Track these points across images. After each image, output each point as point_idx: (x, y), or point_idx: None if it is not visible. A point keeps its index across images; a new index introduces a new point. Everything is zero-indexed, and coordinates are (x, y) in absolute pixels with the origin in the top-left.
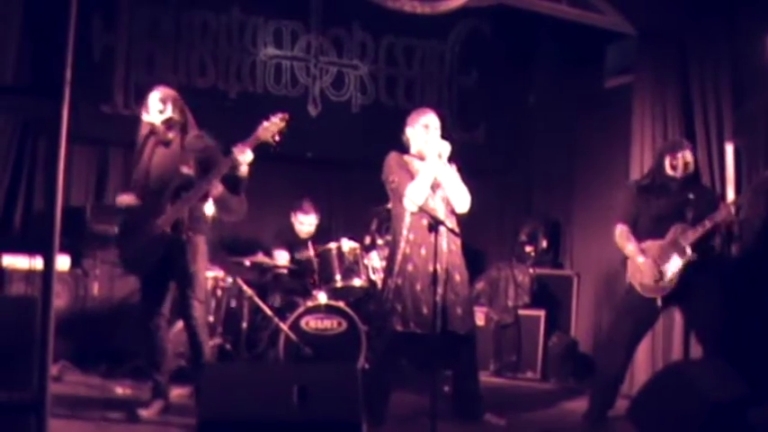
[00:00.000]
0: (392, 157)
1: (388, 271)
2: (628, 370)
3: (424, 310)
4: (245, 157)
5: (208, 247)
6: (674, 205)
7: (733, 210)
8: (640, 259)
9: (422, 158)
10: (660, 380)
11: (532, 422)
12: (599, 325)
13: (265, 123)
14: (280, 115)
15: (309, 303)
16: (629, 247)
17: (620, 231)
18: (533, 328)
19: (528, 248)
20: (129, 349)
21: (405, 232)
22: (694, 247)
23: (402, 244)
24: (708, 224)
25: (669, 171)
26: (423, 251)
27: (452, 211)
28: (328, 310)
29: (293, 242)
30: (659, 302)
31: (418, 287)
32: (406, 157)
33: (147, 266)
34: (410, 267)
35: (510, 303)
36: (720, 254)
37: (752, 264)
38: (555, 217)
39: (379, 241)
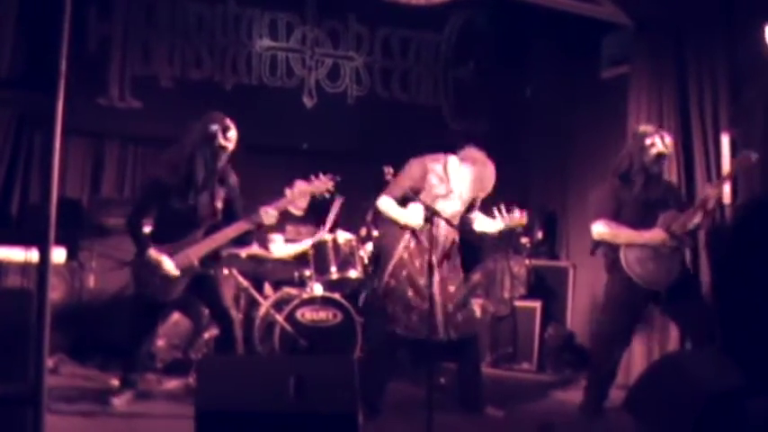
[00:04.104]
0: (413, 163)
1: (380, 268)
2: (622, 361)
3: (414, 318)
4: (269, 218)
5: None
6: (657, 191)
7: (726, 187)
8: (646, 237)
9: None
10: (657, 370)
11: (529, 413)
12: (595, 316)
13: (291, 190)
14: (315, 182)
15: (305, 295)
16: (624, 233)
17: (606, 224)
18: (529, 320)
19: (524, 240)
20: (126, 342)
21: (407, 235)
22: (690, 233)
23: (401, 248)
24: (699, 208)
25: (653, 151)
26: (417, 264)
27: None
28: (324, 302)
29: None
30: (664, 292)
31: (410, 293)
32: (429, 165)
33: (169, 295)
34: (404, 273)
35: (506, 295)
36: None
37: (746, 248)
38: (551, 208)
39: (375, 233)
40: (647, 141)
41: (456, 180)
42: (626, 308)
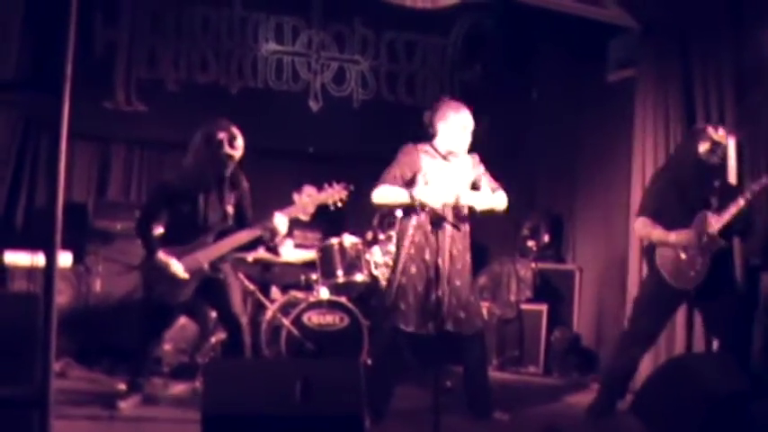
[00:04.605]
0: (407, 147)
1: (392, 268)
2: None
3: (420, 311)
4: (282, 226)
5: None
6: (710, 189)
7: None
8: (672, 238)
9: (451, 154)
10: (664, 373)
11: (535, 416)
12: (601, 319)
13: (300, 197)
14: (324, 191)
15: (312, 299)
16: (656, 233)
17: (643, 222)
18: (536, 323)
19: (530, 243)
20: (133, 345)
21: (411, 231)
22: (720, 234)
23: (407, 243)
24: (733, 209)
25: (706, 143)
26: (427, 255)
27: (462, 216)
28: (330, 306)
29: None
30: (692, 292)
31: (420, 289)
32: (421, 148)
33: (177, 298)
34: (413, 269)
35: (512, 298)
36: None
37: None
38: (557, 211)
39: (381, 236)
40: (702, 135)
41: (448, 139)
42: (655, 307)
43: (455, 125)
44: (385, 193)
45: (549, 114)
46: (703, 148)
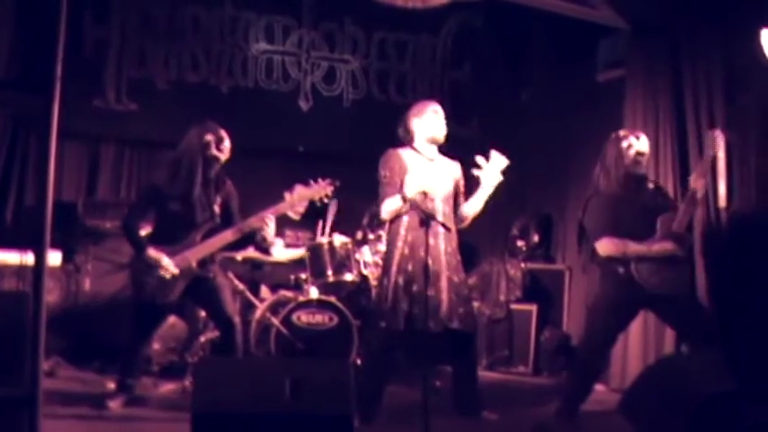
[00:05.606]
0: (388, 153)
1: (385, 269)
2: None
3: (416, 310)
4: (267, 223)
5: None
6: (649, 194)
7: (722, 189)
8: (656, 248)
9: (435, 142)
10: (652, 373)
11: (525, 416)
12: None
13: (290, 195)
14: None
15: (301, 298)
16: (632, 248)
17: (610, 241)
18: (525, 323)
19: (520, 243)
20: (122, 344)
21: (403, 232)
22: (689, 230)
23: (400, 244)
24: (689, 201)
25: (631, 152)
26: (421, 252)
27: (450, 216)
28: (320, 305)
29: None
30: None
31: (418, 288)
32: (402, 150)
33: (167, 296)
34: (410, 267)
35: (502, 298)
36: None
37: (743, 256)
38: (547, 211)
39: (371, 236)
40: (624, 144)
41: (427, 128)
42: (623, 311)
43: (427, 112)
44: (388, 207)
45: (539, 114)
46: (629, 160)
